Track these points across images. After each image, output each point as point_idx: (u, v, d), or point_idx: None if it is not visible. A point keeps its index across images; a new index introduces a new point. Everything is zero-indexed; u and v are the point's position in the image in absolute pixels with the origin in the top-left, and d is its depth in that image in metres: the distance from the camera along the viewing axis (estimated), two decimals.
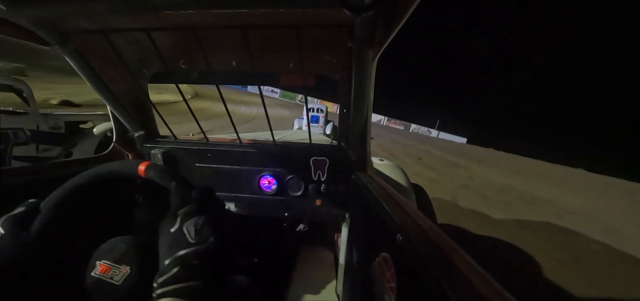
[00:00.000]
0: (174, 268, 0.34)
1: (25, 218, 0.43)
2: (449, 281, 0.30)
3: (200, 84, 25.39)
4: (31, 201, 0.45)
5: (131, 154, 1.04)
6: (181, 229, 0.38)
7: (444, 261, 0.33)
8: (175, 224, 0.38)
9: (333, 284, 1.15)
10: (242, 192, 1.02)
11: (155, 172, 0.48)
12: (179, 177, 0.47)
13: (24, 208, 0.44)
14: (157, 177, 0.47)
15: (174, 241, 0.37)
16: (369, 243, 0.68)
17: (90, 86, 0.78)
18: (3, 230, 0.40)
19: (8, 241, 0.40)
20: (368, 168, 0.95)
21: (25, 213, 0.43)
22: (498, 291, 0.28)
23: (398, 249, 0.44)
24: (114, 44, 0.68)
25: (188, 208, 0.40)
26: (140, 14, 0.57)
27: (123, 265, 0.42)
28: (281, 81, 0.94)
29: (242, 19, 0.57)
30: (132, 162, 0.50)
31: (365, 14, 0.43)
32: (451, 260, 0.33)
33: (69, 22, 0.61)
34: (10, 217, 0.42)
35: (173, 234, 0.38)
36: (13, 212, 0.43)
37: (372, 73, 0.70)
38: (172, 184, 0.46)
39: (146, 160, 0.53)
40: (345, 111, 0.90)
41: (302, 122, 7.60)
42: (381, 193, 0.66)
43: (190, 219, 0.39)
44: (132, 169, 0.50)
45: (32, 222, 0.43)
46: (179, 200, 0.43)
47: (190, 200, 0.42)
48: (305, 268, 1.25)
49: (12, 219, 0.42)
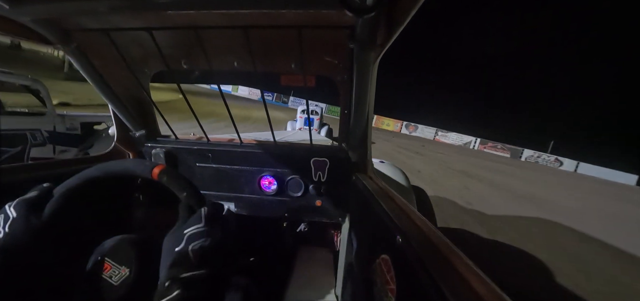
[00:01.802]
0: (174, 291, 0.34)
1: (37, 202, 0.43)
2: (449, 284, 0.30)
3: (201, 84, 25.98)
4: (44, 185, 0.46)
5: (132, 153, 1.04)
6: (186, 250, 0.37)
7: (444, 263, 0.33)
8: (180, 243, 0.38)
9: (332, 285, 1.15)
10: (243, 192, 1.03)
11: (169, 178, 0.47)
12: (191, 187, 0.47)
13: (37, 192, 0.44)
14: (170, 183, 0.47)
15: (177, 262, 0.37)
16: (369, 245, 0.68)
17: (92, 84, 0.79)
18: (15, 213, 0.41)
19: (19, 225, 0.40)
20: (368, 169, 0.95)
21: (38, 197, 0.44)
22: (497, 293, 0.28)
23: (398, 251, 0.44)
24: (116, 43, 0.69)
25: (196, 229, 0.39)
26: (143, 13, 0.58)
27: (123, 266, 0.42)
28: (282, 82, 0.94)
29: (244, 19, 0.57)
30: (147, 163, 0.50)
31: (367, 15, 0.43)
32: (451, 262, 0.33)
33: (71, 21, 0.62)
34: (23, 201, 0.42)
35: (177, 254, 0.37)
36: (26, 196, 0.43)
37: (373, 75, 0.70)
38: (182, 194, 0.45)
39: (160, 163, 0.53)
40: (346, 112, 0.89)
41: (295, 125, 7.53)
42: (381, 194, 0.66)
43: (196, 241, 0.38)
44: (146, 170, 0.49)
45: (44, 207, 0.43)
46: (188, 215, 0.42)
47: (199, 217, 0.41)
48: (305, 269, 1.25)
49: (24, 202, 0.42)
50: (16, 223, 0.40)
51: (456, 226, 3.63)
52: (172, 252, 0.38)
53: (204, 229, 0.39)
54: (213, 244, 0.39)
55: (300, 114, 7.87)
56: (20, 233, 0.40)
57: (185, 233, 0.39)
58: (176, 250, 0.38)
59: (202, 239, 0.39)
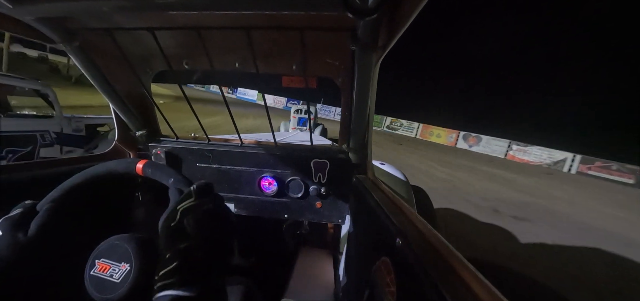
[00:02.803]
0: (175, 261, 0.34)
1: (22, 219, 0.43)
2: (449, 287, 0.29)
3: (203, 85, 26.02)
4: (28, 202, 0.46)
5: (133, 153, 1.04)
6: (181, 223, 0.38)
7: (444, 266, 0.33)
8: (175, 219, 0.39)
9: (332, 287, 1.14)
10: (243, 193, 1.03)
11: (153, 169, 0.48)
12: (177, 173, 0.47)
13: (21, 210, 0.44)
14: (156, 174, 0.47)
15: (174, 235, 0.37)
16: (369, 247, 0.67)
17: (93, 83, 0.79)
18: (0, 232, 0.41)
19: (5, 243, 0.40)
20: (369, 171, 0.95)
21: (22, 214, 0.44)
22: (497, 297, 0.27)
23: (398, 254, 0.44)
24: (118, 43, 0.69)
25: (187, 203, 0.40)
26: (145, 13, 0.58)
27: (122, 263, 0.42)
28: (283, 83, 0.94)
29: (246, 20, 0.57)
30: (129, 160, 0.51)
31: (368, 17, 0.43)
32: (451, 265, 0.33)
33: (74, 20, 0.62)
34: (7, 219, 0.42)
35: (173, 228, 0.38)
36: (10, 214, 0.43)
37: (374, 76, 0.70)
38: (170, 180, 0.46)
39: (144, 158, 0.53)
40: (347, 114, 0.89)
41: (288, 125, 7.42)
42: (381, 196, 0.65)
43: (190, 214, 0.39)
44: (129, 167, 0.50)
45: (29, 223, 0.43)
46: (178, 196, 0.43)
47: (190, 195, 0.42)
48: (305, 271, 1.24)
49: (8, 221, 0.42)
50: (2, 241, 0.40)
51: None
52: (168, 228, 0.38)
53: (195, 202, 0.40)
54: (206, 213, 0.40)
55: (293, 114, 7.71)
56: (8, 251, 0.40)
57: (178, 208, 0.39)
58: (172, 225, 0.38)
59: (195, 212, 0.39)
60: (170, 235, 0.38)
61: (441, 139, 17.30)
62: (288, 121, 7.80)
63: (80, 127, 3.66)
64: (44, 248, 0.44)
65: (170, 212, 0.40)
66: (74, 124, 3.55)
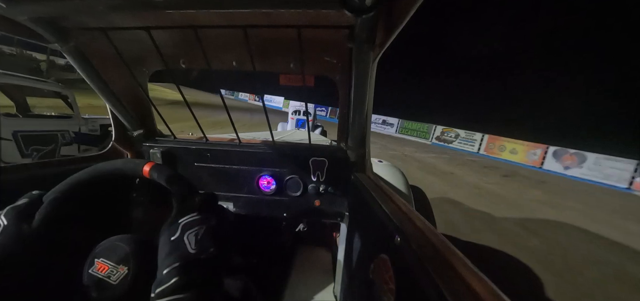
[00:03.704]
0: (172, 278, 0.34)
1: (27, 209, 0.43)
2: (448, 284, 0.30)
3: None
4: (34, 193, 0.46)
5: (130, 153, 1.03)
6: (182, 238, 0.38)
7: (443, 263, 0.33)
8: (176, 233, 0.38)
9: (331, 285, 1.14)
10: (241, 192, 1.03)
11: (160, 173, 0.48)
12: (183, 181, 0.47)
13: (27, 200, 0.45)
14: (162, 179, 0.47)
15: (174, 250, 0.37)
16: (368, 244, 0.67)
17: (89, 83, 0.78)
18: (6, 221, 0.41)
19: (10, 232, 0.41)
20: (367, 169, 0.95)
21: (28, 205, 0.44)
22: (496, 293, 0.28)
23: (396, 251, 0.44)
24: (114, 42, 0.68)
25: (190, 218, 0.40)
26: (141, 12, 0.57)
27: (121, 265, 0.42)
28: (281, 81, 0.94)
29: (243, 18, 0.57)
30: (137, 161, 0.50)
31: (366, 15, 0.43)
32: (449, 262, 0.33)
33: (69, 19, 0.61)
34: (13, 208, 0.43)
35: (173, 243, 0.38)
36: (16, 203, 0.44)
37: (372, 74, 0.69)
38: (175, 187, 0.45)
39: (151, 160, 0.53)
40: (345, 112, 0.88)
41: (286, 126, 7.22)
42: (380, 194, 0.65)
43: (191, 229, 0.39)
44: (136, 168, 0.49)
45: (34, 214, 0.43)
46: (181, 206, 0.42)
47: (193, 206, 0.41)
48: (304, 269, 1.25)
49: (14, 210, 0.43)
50: (7, 230, 0.41)
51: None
52: (168, 242, 0.38)
53: (198, 217, 0.40)
54: (208, 230, 0.39)
55: (291, 115, 7.54)
56: (12, 240, 0.41)
57: (180, 222, 0.39)
58: (172, 239, 0.38)
59: (196, 227, 0.39)
60: (170, 252, 0.37)
61: (518, 157, 12.03)
62: (285, 122, 7.63)
63: (95, 127, 3.86)
64: (47, 240, 0.44)
65: (171, 225, 0.40)
66: (90, 124, 3.78)
